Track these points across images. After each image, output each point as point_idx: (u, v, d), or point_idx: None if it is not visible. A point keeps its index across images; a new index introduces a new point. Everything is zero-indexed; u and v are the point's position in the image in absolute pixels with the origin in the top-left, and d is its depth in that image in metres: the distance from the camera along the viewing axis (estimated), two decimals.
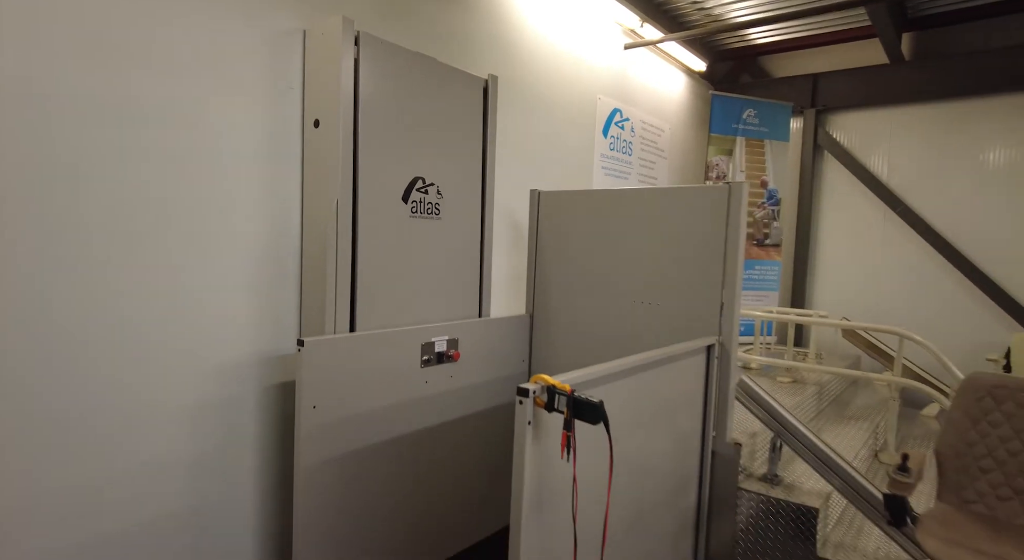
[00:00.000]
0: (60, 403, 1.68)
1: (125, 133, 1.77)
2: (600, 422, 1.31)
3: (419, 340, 2.34)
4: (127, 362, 1.82)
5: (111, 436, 1.80)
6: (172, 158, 1.88)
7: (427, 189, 2.43)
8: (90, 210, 1.71)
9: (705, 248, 2.45)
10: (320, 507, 2.02)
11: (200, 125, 1.94)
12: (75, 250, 1.69)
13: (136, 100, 1.79)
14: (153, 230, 1.85)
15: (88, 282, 1.72)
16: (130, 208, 1.80)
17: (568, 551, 1.59)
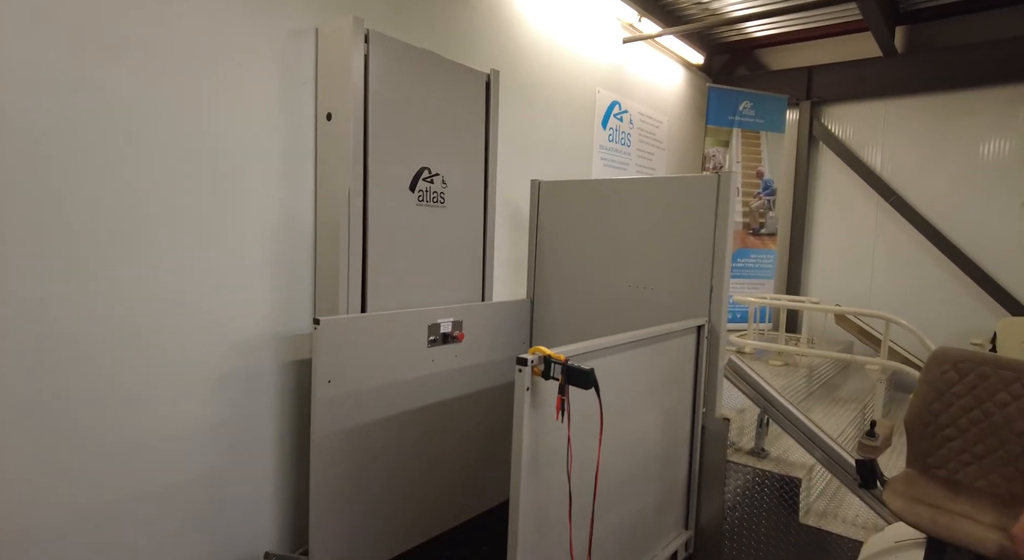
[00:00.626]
0: (97, 374, 1.84)
1: (155, 126, 1.91)
2: (591, 387, 1.46)
3: (426, 321, 2.49)
4: (157, 338, 1.97)
5: (143, 404, 1.95)
6: (196, 150, 2.02)
7: (433, 179, 2.57)
8: (125, 199, 1.86)
9: (696, 235, 2.59)
10: (334, 474, 2.17)
11: (220, 119, 2.08)
12: (109, 234, 1.83)
13: (162, 96, 1.93)
14: (180, 219, 1.99)
15: (121, 263, 1.87)
16: (160, 198, 1.94)
17: (563, 507, 1.75)
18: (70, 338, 1.77)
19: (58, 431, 1.77)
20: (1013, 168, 4.77)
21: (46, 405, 1.74)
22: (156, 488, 2.00)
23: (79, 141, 1.76)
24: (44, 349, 1.72)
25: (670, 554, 2.49)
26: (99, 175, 1.80)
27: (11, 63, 1.62)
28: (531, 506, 1.67)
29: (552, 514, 1.76)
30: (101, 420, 1.86)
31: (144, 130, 1.89)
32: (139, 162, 1.89)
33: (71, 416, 1.79)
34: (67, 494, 1.80)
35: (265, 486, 2.33)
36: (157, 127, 1.92)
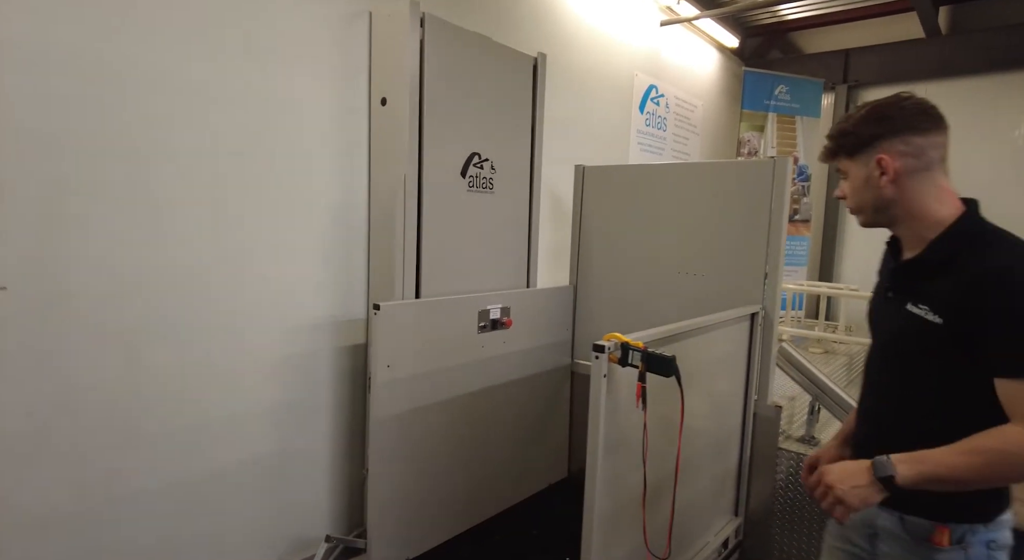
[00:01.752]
0: (164, 357, 1.86)
1: (211, 111, 1.91)
2: (672, 375, 1.45)
3: (476, 307, 2.49)
4: (220, 321, 1.99)
5: (207, 386, 1.97)
6: (251, 135, 2.02)
7: (483, 165, 2.56)
8: (183, 186, 1.87)
9: (749, 221, 2.55)
10: (391, 457, 2.19)
11: (275, 103, 2.07)
12: (171, 222, 1.85)
13: (216, 81, 1.93)
14: (231, 205, 2.00)
15: (184, 251, 1.88)
16: (215, 184, 1.95)
17: (633, 492, 1.75)
18: (142, 322, 1.80)
19: (126, 413, 1.80)
20: None
21: (111, 387, 1.76)
22: (216, 469, 2.03)
23: (147, 129, 1.76)
24: (111, 332, 1.75)
25: (722, 541, 2.49)
26: (172, 163, 1.81)
27: (77, 54, 1.63)
28: (605, 491, 1.67)
29: (623, 500, 1.76)
30: (170, 402, 1.88)
31: (208, 119, 1.90)
32: (204, 152, 1.89)
33: (138, 398, 1.82)
34: (135, 475, 1.83)
35: (321, 469, 2.36)
36: (221, 115, 1.93)
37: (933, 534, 1.20)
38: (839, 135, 1.29)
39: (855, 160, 1.26)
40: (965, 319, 1.12)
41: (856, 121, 1.25)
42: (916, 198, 1.23)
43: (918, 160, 1.21)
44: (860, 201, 1.29)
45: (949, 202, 1.25)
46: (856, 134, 1.25)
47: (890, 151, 1.21)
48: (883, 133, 1.21)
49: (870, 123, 1.23)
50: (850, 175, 1.29)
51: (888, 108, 1.22)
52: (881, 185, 1.23)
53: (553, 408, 3.04)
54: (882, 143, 1.21)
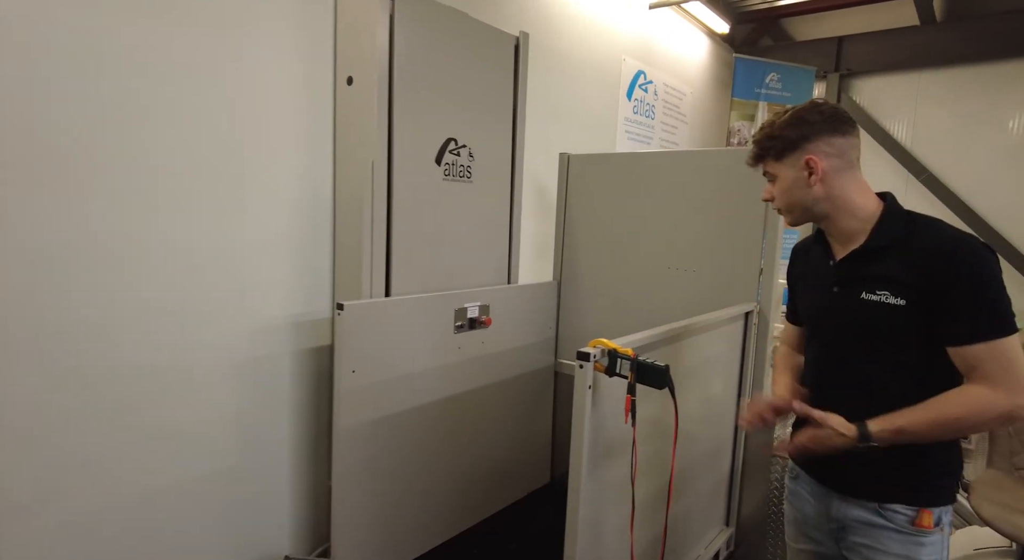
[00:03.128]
0: (95, 366, 1.66)
1: (148, 86, 1.70)
2: (665, 387, 1.28)
3: (453, 305, 2.31)
4: (168, 324, 1.78)
5: (147, 397, 1.78)
6: (197, 116, 1.81)
7: (459, 151, 2.37)
8: (118, 170, 1.66)
9: (745, 213, 2.39)
10: (357, 469, 2.02)
11: (226, 82, 1.86)
12: (103, 213, 1.64)
13: (155, 52, 1.71)
14: (179, 191, 1.79)
15: (117, 245, 1.67)
16: (155, 167, 1.74)
17: (620, 511, 1.59)
18: (74, 327, 1.59)
19: (63, 426, 1.59)
20: None
21: (46, 399, 1.56)
22: (165, 485, 1.84)
23: (83, 107, 1.55)
24: (45, 338, 1.54)
25: (713, 553, 2.35)
26: (105, 144, 1.60)
27: (10, 19, 1.41)
28: (589, 513, 1.51)
29: (609, 521, 1.60)
30: (108, 413, 1.68)
31: (145, 95, 1.68)
32: (146, 132, 1.68)
33: (75, 410, 1.61)
34: (73, 493, 1.63)
35: (282, 481, 2.18)
36: (160, 91, 1.71)
37: (917, 518, 1.25)
38: (765, 139, 1.33)
39: (783, 162, 1.31)
40: (927, 295, 1.17)
41: (782, 125, 1.30)
42: (843, 194, 1.29)
43: (841, 159, 1.28)
44: (790, 201, 1.34)
45: (870, 196, 1.33)
46: (783, 137, 1.30)
47: (816, 152, 1.27)
48: (808, 135, 1.27)
49: (795, 127, 1.28)
50: (779, 177, 1.34)
51: (810, 113, 1.28)
52: (810, 184, 1.28)
53: (535, 411, 2.88)
54: (807, 145, 1.27)
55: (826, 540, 1.43)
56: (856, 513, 1.32)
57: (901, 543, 1.27)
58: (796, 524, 1.53)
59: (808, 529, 1.47)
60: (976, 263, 1.14)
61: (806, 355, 1.49)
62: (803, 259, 1.53)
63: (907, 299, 1.19)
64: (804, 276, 1.51)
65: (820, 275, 1.40)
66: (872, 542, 1.30)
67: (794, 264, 1.58)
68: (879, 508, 1.29)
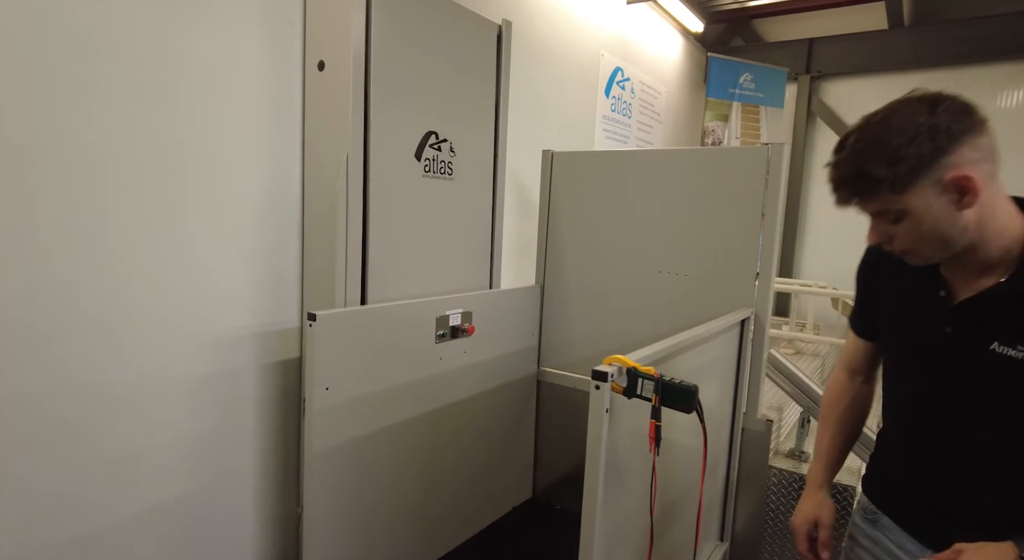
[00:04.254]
0: (35, 388, 1.42)
1: (93, 69, 1.47)
2: (693, 411, 1.14)
3: (434, 313, 2.13)
4: (110, 339, 1.55)
5: (96, 421, 1.54)
6: (152, 105, 1.58)
7: (440, 146, 2.19)
8: (54, 163, 1.42)
9: (740, 215, 2.29)
10: (331, 493, 1.82)
11: (184, 66, 1.64)
12: (38, 211, 1.40)
13: (101, 28, 1.48)
14: (130, 189, 1.56)
15: (55, 248, 1.44)
16: (103, 162, 1.51)
17: (633, 540, 1.45)
18: (13, 341, 1.35)
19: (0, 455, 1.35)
20: (1012, 148, 4.66)
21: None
22: (119, 515, 1.61)
23: (12, 92, 1.31)
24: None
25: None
26: (40, 135, 1.36)
27: None
28: (602, 537, 1.36)
29: (621, 546, 1.45)
30: (49, 440, 1.44)
31: (95, 80, 1.45)
32: (86, 118, 1.45)
33: (14, 438, 1.37)
34: (15, 527, 1.39)
35: (246, 508, 1.96)
36: (111, 75, 1.48)
37: None
38: (885, 164, 0.91)
39: (911, 192, 0.92)
40: None
41: (900, 143, 0.91)
42: (993, 215, 0.94)
43: (992, 165, 0.93)
44: (928, 239, 0.96)
45: (1013, 211, 0.98)
46: (912, 157, 0.90)
47: (964, 165, 0.89)
48: (946, 145, 0.89)
49: (923, 139, 0.90)
50: (911, 212, 0.94)
51: (934, 111, 0.90)
52: (961, 209, 0.91)
53: (518, 422, 2.72)
54: (949, 158, 0.89)
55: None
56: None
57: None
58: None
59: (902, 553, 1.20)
60: None
61: (893, 389, 1.19)
62: (890, 268, 1.17)
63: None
64: (894, 293, 1.16)
65: (922, 303, 1.08)
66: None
67: (876, 270, 1.23)
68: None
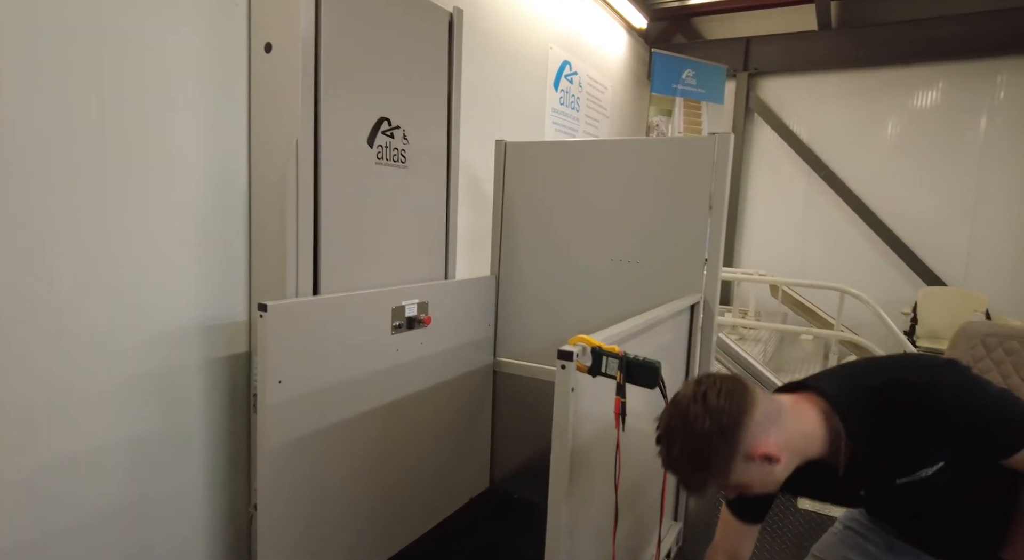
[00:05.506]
0: None
1: (29, 55, 1.36)
2: (656, 386, 1.17)
3: (390, 304, 2.09)
4: (43, 337, 1.44)
5: (29, 425, 1.43)
6: (89, 88, 1.48)
7: (393, 133, 2.15)
8: None
9: (689, 203, 2.36)
10: (285, 491, 1.76)
11: (122, 47, 1.54)
12: None
13: (37, 14, 1.38)
14: (67, 176, 1.46)
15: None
16: (37, 148, 1.40)
17: (596, 520, 1.47)
18: None
19: None
20: (927, 145, 4.99)
21: None
22: (58, 526, 1.50)
23: None
24: None
25: (666, 551, 2.30)
26: None
27: None
28: (568, 527, 1.37)
29: (585, 527, 1.47)
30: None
31: (24, 58, 1.34)
32: (11, 97, 1.34)
33: None
34: None
35: (195, 510, 1.87)
36: (39, 53, 1.37)
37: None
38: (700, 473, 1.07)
39: (732, 474, 1.06)
40: (950, 453, 1.08)
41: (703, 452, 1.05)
42: (799, 443, 1.09)
43: (776, 413, 1.08)
44: (766, 488, 1.11)
45: (810, 412, 1.12)
46: (716, 460, 1.04)
47: (757, 436, 1.04)
48: (736, 433, 1.03)
49: (717, 442, 1.03)
50: (741, 483, 1.08)
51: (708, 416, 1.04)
52: (774, 465, 1.06)
53: (475, 413, 2.71)
54: (743, 441, 1.03)
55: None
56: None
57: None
58: (858, 553, 1.40)
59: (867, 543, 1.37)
60: (960, 410, 1.05)
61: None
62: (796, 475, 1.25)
63: (943, 458, 1.08)
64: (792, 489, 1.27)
65: (823, 483, 1.21)
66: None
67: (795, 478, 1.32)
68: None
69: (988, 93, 4.75)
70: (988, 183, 4.81)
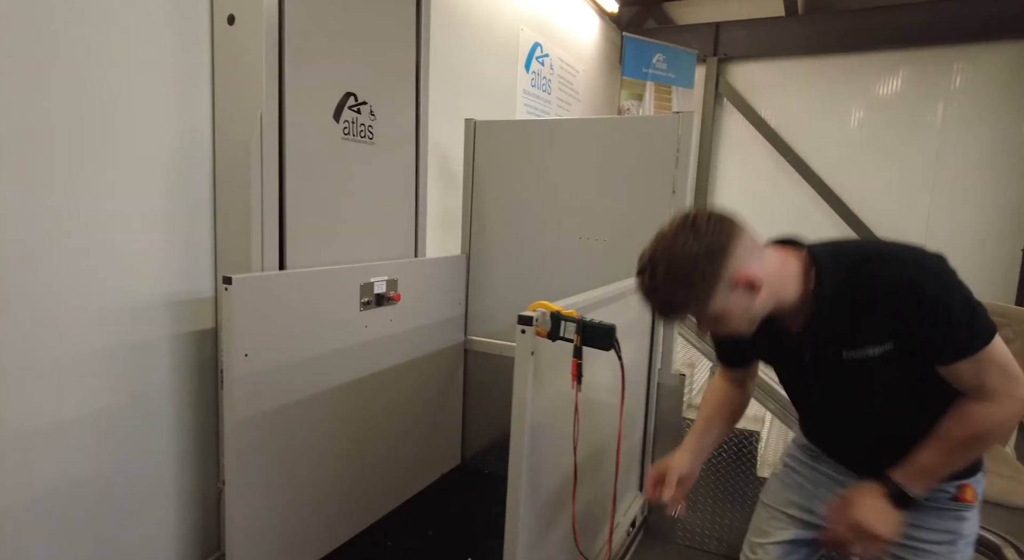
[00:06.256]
0: None
1: None
2: (611, 348, 1.21)
3: (358, 280, 2.10)
4: (3, 310, 1.43)
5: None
6: (49, 61, 1.45)
7: (359, 108, 2.14)
8: None
9: (653, 181, 2.40)
10: (253, 465, 1.77)
11: (84, 20, 1.51)
12: None
13: None
14: (28, 151, 1.44)
15: None
16: (8, 118, 1.37)
17: (557, 484, 1.51)
18: None
19: None
20: (888, 130, 5.13)
21: None
22: (21, 499, 1.49)
23: None
24: None
25: (630, 520, 2.38)
26: None
27: None
28: (529, 490, 1.41)
29: (546, 493, 1.52)
30: None
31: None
32: None
33: None
34: None
35: (164, 485, 1.87)
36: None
37: (959, 494, 1.20)
38: (682, 292, 1.07)
39: (713, 299, 1.07)
40: (905, 337, 1.09)
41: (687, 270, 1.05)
42: (779, 282, 1.12)
43: (759, 248, 1.11)
44: (740, 323, 1.13)
45: (793, 263, 1.15)
46: (700, 278, 1.05)
47: (742, 264, 1.06)
48: (722, 257, 1.05)
49: (702, 261, 1.05)
50: (719, 313, 1.10)
51: (695, 238, 1.05)
52: (755, 297, 1.09)
53: (446, 390, 2.74)
54: (729, 265, 1.05)
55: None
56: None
57: (944, 519, 1.21)
58: (796, 492, 1.41)
59: (813, 503, 1.37)
60: (931, 298, 1.06)
61: (792, 395, 1.39)
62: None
63: (893, 342, 1.11)
64: (750, 346, 1.34)
65: (777, 349, 1.27)
66: (914, 520, 1.20)
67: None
68: None
69: (945, 80, 4.89)
70: (944, 166, 4.97)
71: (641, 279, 1.10)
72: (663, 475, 1.35)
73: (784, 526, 1.40)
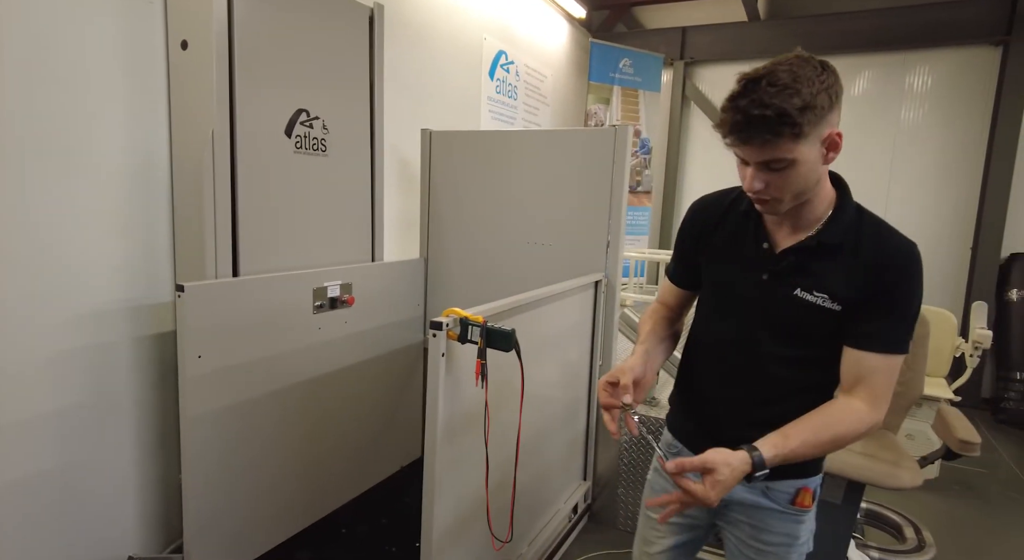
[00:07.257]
0: None
1: None
2: (512, 349, 1.36)
3: (311, 285, 2.25)
4: None
5: None
6: (15, 86, 1.58)
7: (312, 123, 2.28)
8: None
9: (592, 190, 2.56)
10: (209, 459, 1.92)
11: (48, 46, 1.64)
12: None
13: None
14: None
15: None
16: None
17: (479, 473, 1.67)
18: None
19: None
20: (854, 133, 5.30)
21: None
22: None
23: None
24: None
25: (572, 506, 2.54)
26: None
27: None
28: (446, 477, 1.57)
29: (468, 483, 1.68)
30: None
31: None
32: None
33: None
34: None
35: (125, 477, 2.01)
36: None
37: (798, 498, 1.20)
38: (799, 108, 0.96)
39: (807, 141, 0.98)
40: (863, 302, 1.08)
41: (812, 91, 0.96)
42: (824, 179, 1.09)
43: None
44: (797, 190, 1.04)
45: (827, 179, 1.13)
46: (816, 109, 0.97)
47: (837, 124, 1.02)
48: (834, 103, 1.00)
49: (829, 93, 0.99)
50: (798, 162, 1.00)
51: (823, 71, 0.99)
52: (826, 164, 1.04)
53: (405, 388, 2.89)
54: (833, 115, 1.01)
55: (699, 512, 1.32)
56: (741, 494, 1.23)
57: (784, 523, 1.23)
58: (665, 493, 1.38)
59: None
60: (913, 279, 1.06)
61: (704, 333, 1.30)
62: (715, 225, 1.26)
63: (843, 305, 1.08)
64: (716, 247, 1.26)
65: (745, 255, 1.20)
66: (756, 521, 1.25)
67: (697, 225, 1.31)
68: (766, 487, 1.22)
69: (902, 83, 5.07)
70: (900, 169, 5.15)
71: (756, 84, 0.99)
72: (617, 379, 1.20)
73: (663, 535, 1.37)
